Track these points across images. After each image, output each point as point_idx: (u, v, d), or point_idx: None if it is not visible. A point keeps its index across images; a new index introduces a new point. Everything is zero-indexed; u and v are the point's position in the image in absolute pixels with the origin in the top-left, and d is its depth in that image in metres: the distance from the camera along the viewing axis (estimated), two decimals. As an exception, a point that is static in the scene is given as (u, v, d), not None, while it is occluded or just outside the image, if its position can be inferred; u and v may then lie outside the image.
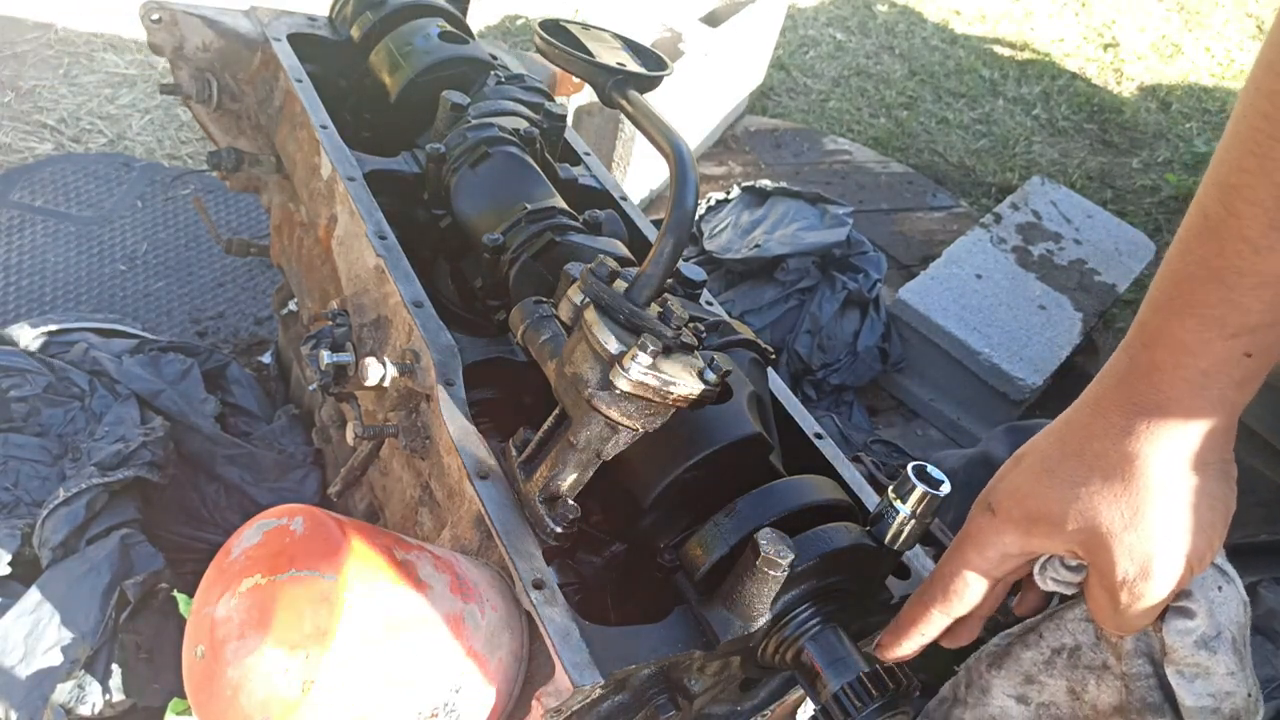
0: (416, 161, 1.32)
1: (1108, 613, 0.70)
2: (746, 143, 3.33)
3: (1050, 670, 0.77)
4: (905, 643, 0.80)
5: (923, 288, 2.45)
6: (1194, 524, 0.66)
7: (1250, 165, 0.60)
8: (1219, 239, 0.63)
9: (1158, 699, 0.71)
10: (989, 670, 0.81)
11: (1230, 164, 0.62)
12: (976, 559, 0.75)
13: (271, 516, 0.76)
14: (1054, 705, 0.77)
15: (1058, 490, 0.69)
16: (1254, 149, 0.60)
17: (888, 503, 0.85)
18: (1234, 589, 0.71)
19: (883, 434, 2.36)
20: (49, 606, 1.35)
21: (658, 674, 0.85)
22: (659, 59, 1.07)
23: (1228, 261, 0.62)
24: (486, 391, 1.10)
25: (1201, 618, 0.68)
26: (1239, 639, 0.70)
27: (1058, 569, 0.74)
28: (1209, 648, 0.68)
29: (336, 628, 0.68)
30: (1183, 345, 0.65)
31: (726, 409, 0.95)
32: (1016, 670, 0.79)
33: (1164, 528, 0.66)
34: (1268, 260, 0.61)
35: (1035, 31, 4.59)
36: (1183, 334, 0.65)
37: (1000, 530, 0.73)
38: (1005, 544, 0.73)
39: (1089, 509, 0.67)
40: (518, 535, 0.86)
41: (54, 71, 2.83)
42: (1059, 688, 0.77)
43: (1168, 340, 0.66)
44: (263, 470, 1.68)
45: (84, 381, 1.69)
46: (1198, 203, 0.65)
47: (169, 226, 2.43)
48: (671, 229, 0.82)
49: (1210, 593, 0.69)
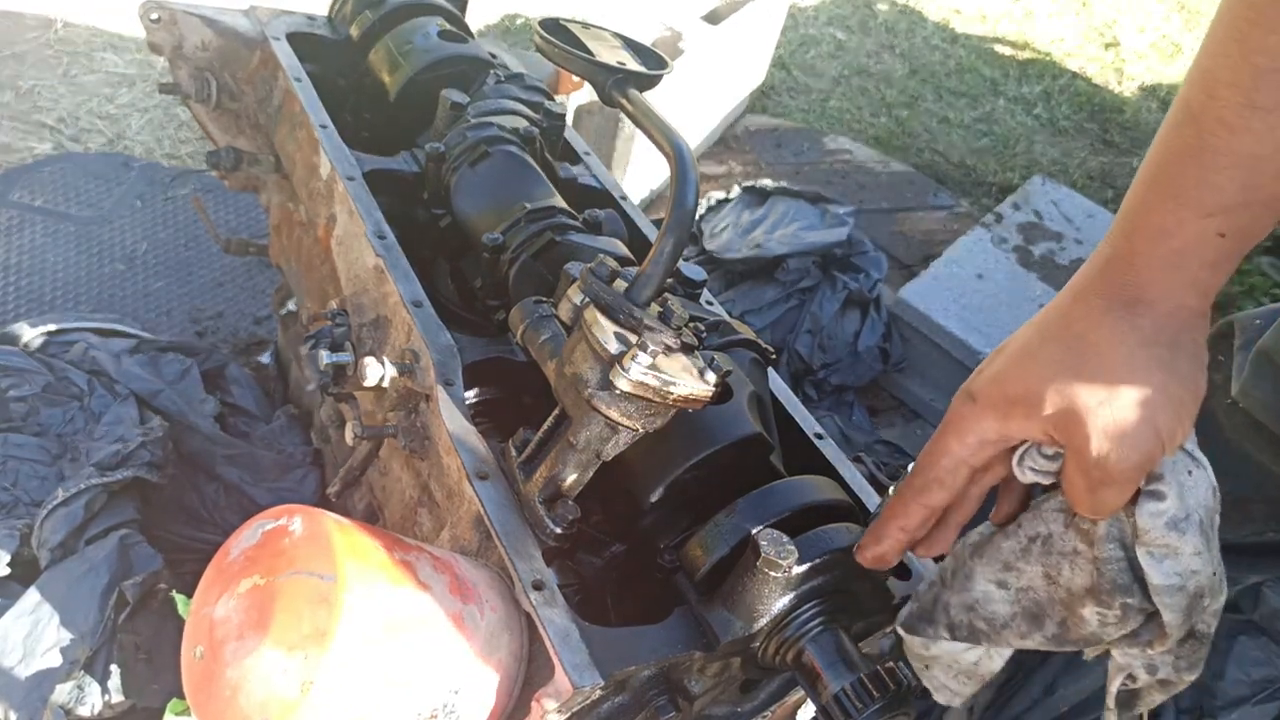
0: (416, 161, 1.32)
1: (1083, 494, 0.71)
2: (747, 142, 3.32)
3: (1027, 557, 0.80)
4: (886, 540, 0.81)
5: (923, 287, 2.45)
6: (1165, 401, 0.68)
7: (1231, 49, 0.64)
8: (1197, 123, 0.66)
9: (1127, 580, 0.74)
10: (971, 558, 0.84)
11: (1211, 50, 0.65)
12: (956, 445, 0.76)
13: (270, 517, 0.76)
14: (1031, 589, 0.80)
15: (1036, 372, 0.71)
16: (1234, 34, 0.63)
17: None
18: (1204, 474, 0.73)
19: (883, 434, 2.36)
20: (48, 607, 1.35)
21: (658, 675, 0.85)
22: (659, 58, 1.07)
23: (1204, 142, 0.65)
24: (486, 391, 1.10)
25: (1172, 500, 0.71)
26: (1206, 521, 0.73)
27: (1035, 458, 0.76)
28: (1178, 529, 0.71)
29: (335, 628, 0.68)
30: (1160, 228, 0.68)
31: (727, 409, 0.95)
32: (996, 558, 0.82)
33: (1136, 404, 0.68)
34: (1242, 139, 0.64)
35: (1036, 31, 4.58)
36: (1160, 217, 0.68)
37: (980, 416, 0.75)
38: (984, 429, 0.75)
39: (1065, 389, 0.69)
40: (517, 536, 0.86)
41: (54, 71, 2.82)
42: (1035, 573, 0.80)
43: (1146, 226, 0.69)
44: (262, 470, 1.67)
45: (83, 381, 1.69)
46: (1180, 95, 0.68)
47: (168, 226, 2.43)
48: (672, 228, 0.82)
49: (1181, 476, 0.72)
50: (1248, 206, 0.66)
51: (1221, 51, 0.64)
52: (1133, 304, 0.69)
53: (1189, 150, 0.66)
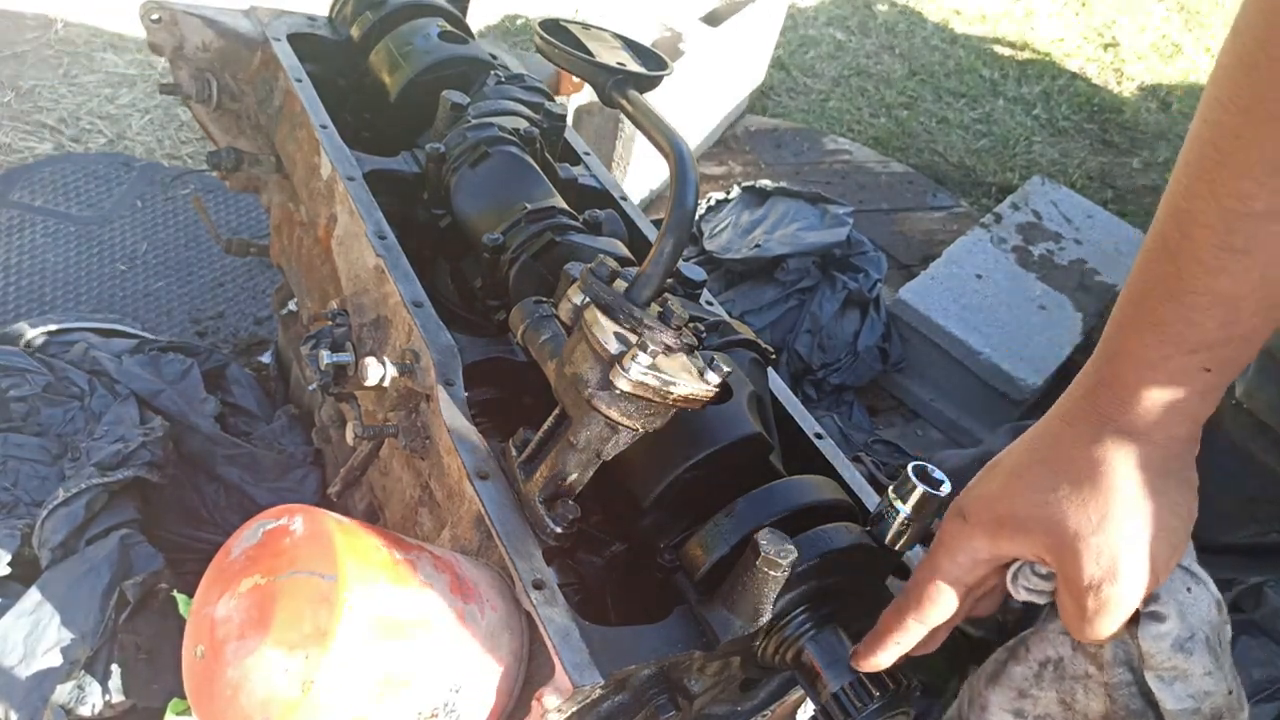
0: (416, 161, 1.32)
1: (1076, 620, 0.71)
2: (746, 142, 3.32)
3: (1040, 683, 0.78)
4: (881, 653, 0.81)
5: (923, 288, 2.45)
6: (1158, 529, 0.68)
7: (1200, 190, 0.63)
8: (1175, 260, 0.66)
9: (1140, 705, 0.72)
10: (986, 688, 0.82)
11: (1182, 190, 0.65)
12: (948, 565, 0.76)
13: (271, 516, 0.76)
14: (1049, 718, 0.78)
15: (1026, 494, 0.71)
16: (1202, 175, 0.63)
17: (888, 503, 0.85)
18: (1204, 589, 0.72)
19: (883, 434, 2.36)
20: (49, 607, 1.35)
21: (658, 674, 0.85)
22: (659, 59, 1.07)
23: (1184, 282, 0.65)
24: (486, 391, 1.10)
25: (1173, 620, 0.69)
26: (1213, 638, 0.71)
27: (1029, 577, 0.75)
28: (1184, 650, 0.69)
29: (336, 628, 0.68)
30: (1144, 360, 0.68)
31: (726, 409, 0.95)
32: (1010, 686, 0.80)
33: (1129, 531, 0.67)
34: (1219, 280, 0.64)
35: (1035, 31, 4.59)
36: (1143, 350, 0.68)
37: (970, 535, 0.75)
38: (975, 549, 0.75)
39: (1057, 513, 0.69)
40: (518, 535, 0.86)
41: (54, 71, 2.83)
42: (1050, 699, 0.78)
43: (1130, 355, 0.69)
44: (262, 470, 1.67)
45: (83, 381, 1.69)
46: (1155, 226, 0.68)
47: (169, 226, 2.43)
48: (671, 229, 0.82)
49: (1180, 595, 0.70)
50: (1229, 343, 0.66)
51: (1193, 192, 0.64)
52: (1123, 433, 0.69)
53: (1169, 287, 0.66)
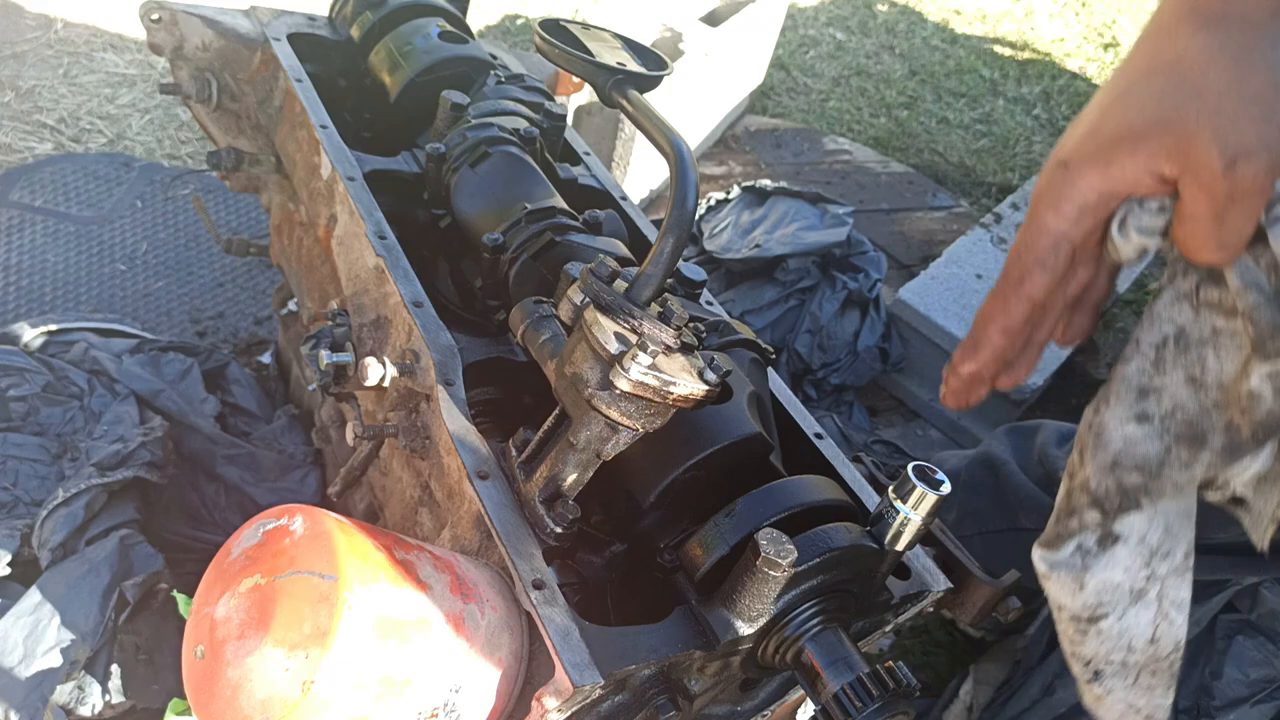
0: (416, 161, 1.32)
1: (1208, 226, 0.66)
2: (746, 143, 3.32)
3: (1160, 369, 0.70)
4: (984, 348, 0.73)
5: (923, 288, 2.45)
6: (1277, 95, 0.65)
7: None
8: None
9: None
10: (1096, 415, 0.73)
11: None
12: (1054, 219, 0.70)
13: (271, 516, 0.76)
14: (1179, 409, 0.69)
15: (1137, 107, 0.67)
16: None
17: (888, 503, 0.85)
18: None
19: (883, 434, 2.36)
20: (48, 607, 1.35)
21: (658, 674, 0.85)
22: (659, 59, 1.07)
23: None
24: (486, 391, 1.10)
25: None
26: None
27: (1139, 215, 0.68)
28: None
29: (336, 628, 0.68)
30: None
31: (726, 409, 0.95)
32: (1126, 390, 0.71)
33: (1251, 104, 0.65)
34: None
35: (1035, 31, 4.59)
36: None
37: (1076, 178, 0.69)
38: (1083, 192, 0.69)
39: (1170, 109, 0.66)
40: (518, 535, 0.86)
41: (54, 71, 2.83)
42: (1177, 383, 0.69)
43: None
44: (262, 470, 1.68)
45: (83, 381, 1.69)
46: None
47: (169, 226, 2.43)
48: (671, 229, 0.82)
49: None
50: None
51: None
52: (1221, 18, 0.66)
53: None
